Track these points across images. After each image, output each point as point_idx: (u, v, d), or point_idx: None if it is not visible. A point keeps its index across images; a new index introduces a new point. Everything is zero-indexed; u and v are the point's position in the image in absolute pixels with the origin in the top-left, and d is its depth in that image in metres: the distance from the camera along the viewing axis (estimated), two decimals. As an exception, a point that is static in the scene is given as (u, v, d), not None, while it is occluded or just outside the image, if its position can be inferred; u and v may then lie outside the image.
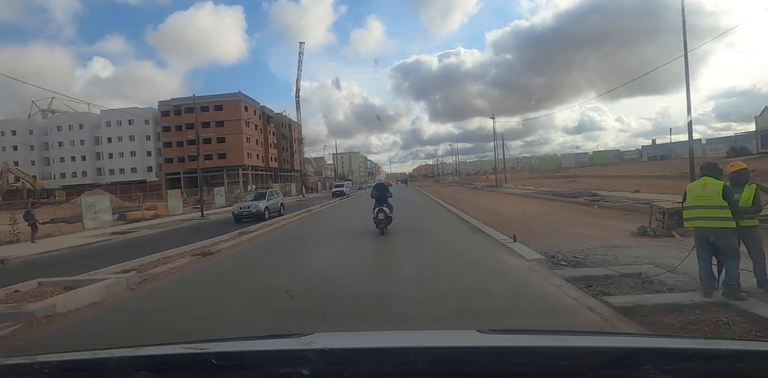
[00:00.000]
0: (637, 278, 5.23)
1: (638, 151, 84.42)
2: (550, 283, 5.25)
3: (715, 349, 1.08)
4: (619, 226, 9.97)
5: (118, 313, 5.11)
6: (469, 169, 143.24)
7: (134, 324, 4.63)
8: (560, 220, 12.33)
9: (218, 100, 55.65)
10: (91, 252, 12.28)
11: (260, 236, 12.58)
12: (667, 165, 48.20)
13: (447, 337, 1.42)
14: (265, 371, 0.99)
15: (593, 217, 12.51)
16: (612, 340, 1.44)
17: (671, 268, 5.33)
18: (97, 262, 8.87)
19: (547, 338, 1.31)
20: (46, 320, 4.76)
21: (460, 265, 6.72)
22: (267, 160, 65.19)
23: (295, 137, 79.37)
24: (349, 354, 1.04)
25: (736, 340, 2.22)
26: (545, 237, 8.80)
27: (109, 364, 1.05)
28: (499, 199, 23.62)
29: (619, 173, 46.65)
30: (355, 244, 9.72)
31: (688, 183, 4.97)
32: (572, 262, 6.46)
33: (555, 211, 15.30)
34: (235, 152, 55.84)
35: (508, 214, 14.57)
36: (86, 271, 7.42)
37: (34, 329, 4.53)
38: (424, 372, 0.95)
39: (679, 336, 3.09)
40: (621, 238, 8.34)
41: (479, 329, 1.27)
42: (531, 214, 14.78)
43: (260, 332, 3.17)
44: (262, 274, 7.16)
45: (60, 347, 2.77)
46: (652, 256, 6.47)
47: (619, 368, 0.94)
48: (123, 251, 11.15)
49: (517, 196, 24.33)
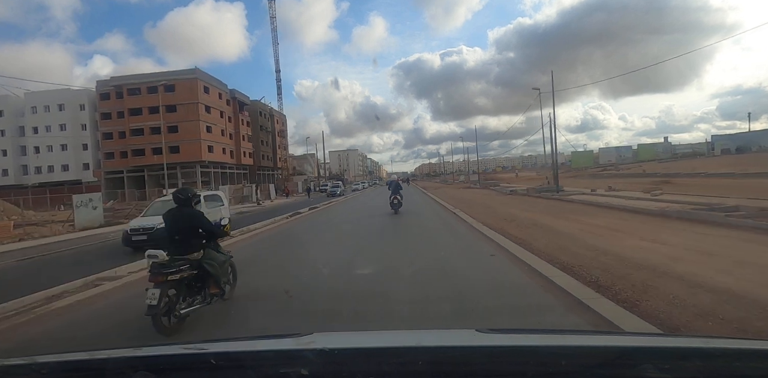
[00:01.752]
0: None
1: (709, 144, 69.50)
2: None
3: (714, 348, 1.06)
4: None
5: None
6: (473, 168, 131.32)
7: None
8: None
9: (170, 78, 42.42)
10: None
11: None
12: (757, 159, 35.95)
13: (446, 336, 1.41)
14: (265, 371, 0.99)
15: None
16: (611, 339, 1.43)
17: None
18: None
19: (547, 338, 1.32)
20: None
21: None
22: (238, 155, 52.35)
23: (278, 129, 66.94)
24: (349, 354, 1.04)
25: (734, 339, 2.02)
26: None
27: (107, 364, 1.05)
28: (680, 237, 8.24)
29: (700, 169, 34.24)
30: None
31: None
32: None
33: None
34: (192, 145, 43.26)
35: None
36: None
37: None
38: (423, 372, 0.95)
39: (677, 335, 2.91)
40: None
41: (478, 329, 1.26)
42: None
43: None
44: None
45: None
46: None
47: (618, 367, 0.93)
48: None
49: (669, 220, 10.42)
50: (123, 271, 7.46)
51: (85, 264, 9.08)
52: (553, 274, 5.39)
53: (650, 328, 3.39)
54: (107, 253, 11.32)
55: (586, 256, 6.38)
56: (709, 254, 6.21)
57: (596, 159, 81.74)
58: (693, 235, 8.01)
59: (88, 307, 5.37)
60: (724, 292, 4.21)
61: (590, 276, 5.14)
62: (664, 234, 8.25)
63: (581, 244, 7.50)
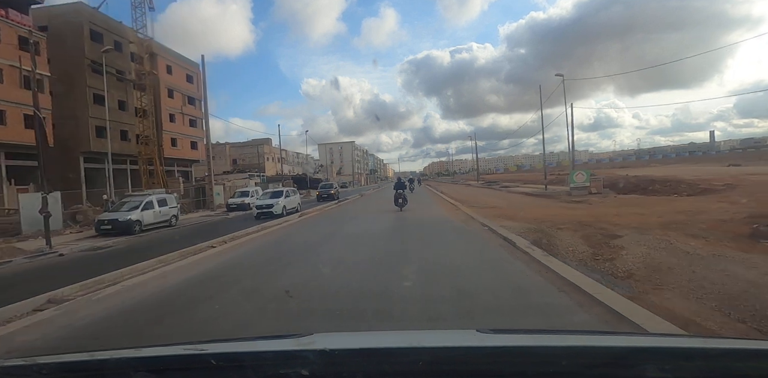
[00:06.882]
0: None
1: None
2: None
3: (714, 348, 1.08)
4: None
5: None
6: (485, 166, 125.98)
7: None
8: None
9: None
10: None
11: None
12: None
13: (446, 337, 1.42)
14: (264, 372, 0.99)
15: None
16: (611, 339, 1.41)
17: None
18: None
19: (547, 338, 1.32)
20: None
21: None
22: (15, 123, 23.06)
23: (169, 82, 36.29)
24: (349, 354, 1.04)
25: (734, 339, 2.13)
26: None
27: (107, 365, 1.05)
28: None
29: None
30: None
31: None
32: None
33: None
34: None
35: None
36: None
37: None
38: (423, 372, 0.95)
39: (677, 335, 2.77)
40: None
41: (479, 329, 1.26)
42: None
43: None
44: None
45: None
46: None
47: (618, 367, 0.94)
48: None
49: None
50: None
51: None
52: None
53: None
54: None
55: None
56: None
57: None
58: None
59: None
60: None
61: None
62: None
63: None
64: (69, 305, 4.95)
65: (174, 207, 18.68)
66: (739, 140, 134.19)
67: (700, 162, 65.93)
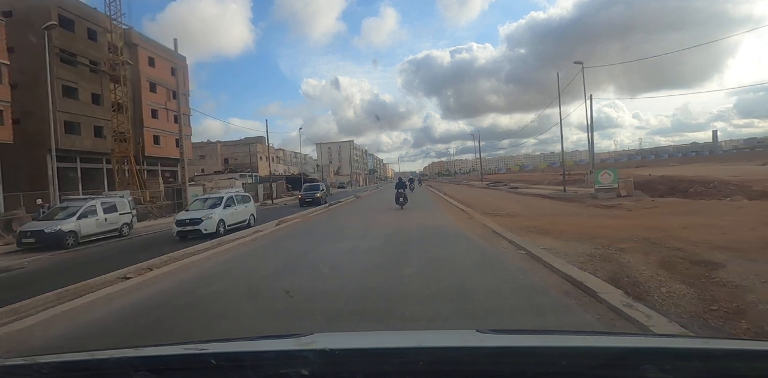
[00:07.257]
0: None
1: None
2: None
3: (714, 348, 1.07)
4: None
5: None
6: (485, 167, 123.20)
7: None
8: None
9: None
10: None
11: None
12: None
13: (446, 337, 1.40)
14: (265, 372, 0.98)
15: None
16: (611, 340, 1.40)
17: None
18: None
19: (547, 338, 1.30)
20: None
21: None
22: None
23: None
24: (349, 354, 1.03)
25: (734, 340, 2.13)
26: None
27: (107, 364, 1.05)
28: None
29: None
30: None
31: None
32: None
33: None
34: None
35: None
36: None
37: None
38: (423, 372, 0.94)
39: (677, 336, 2.79)
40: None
41: (479, 329, 1.24)
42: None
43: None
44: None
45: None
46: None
47: (618, 368, 0.93)
48: None
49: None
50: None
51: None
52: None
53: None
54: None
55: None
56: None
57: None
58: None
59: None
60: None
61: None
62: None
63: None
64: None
65: (126, 213, 15.63)
66: (741, 140, 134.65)
67: (709, 161, 63.65)
